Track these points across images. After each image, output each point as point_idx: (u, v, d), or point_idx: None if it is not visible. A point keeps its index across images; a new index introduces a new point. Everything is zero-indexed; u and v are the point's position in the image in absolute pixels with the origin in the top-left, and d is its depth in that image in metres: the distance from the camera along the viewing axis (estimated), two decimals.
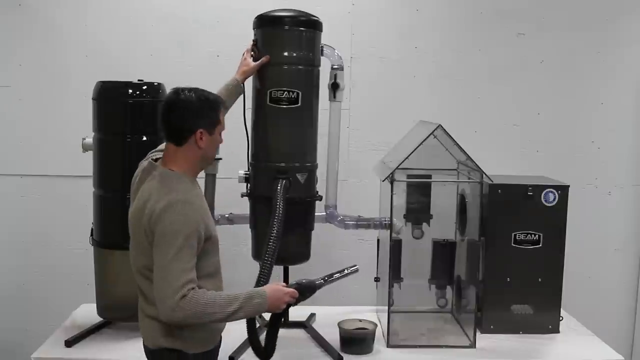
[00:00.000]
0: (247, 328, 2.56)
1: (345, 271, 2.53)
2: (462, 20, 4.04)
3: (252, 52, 2.90)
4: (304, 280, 2.39)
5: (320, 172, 3.11)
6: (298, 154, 2.96)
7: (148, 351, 2.28)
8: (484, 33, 4.04)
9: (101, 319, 3.09)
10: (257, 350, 2.56)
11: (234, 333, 2.64)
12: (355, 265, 2.56)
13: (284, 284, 2.40)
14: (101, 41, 3.94)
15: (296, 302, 2.34)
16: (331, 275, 2.49)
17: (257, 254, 3.01)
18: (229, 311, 2.11)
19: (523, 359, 2.90)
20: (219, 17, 3.93)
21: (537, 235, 3.10)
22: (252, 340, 2.56)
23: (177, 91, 2.20)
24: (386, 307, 2.97)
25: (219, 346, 2.36)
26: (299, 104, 2.91)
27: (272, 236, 2.68)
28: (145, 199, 2.14)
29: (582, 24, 4.04)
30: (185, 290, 2.04)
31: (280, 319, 2.47)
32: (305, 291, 2.37)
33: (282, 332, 3.07)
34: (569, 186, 3.13)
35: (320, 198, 3.10)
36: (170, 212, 2.07)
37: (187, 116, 2.16)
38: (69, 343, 2.89)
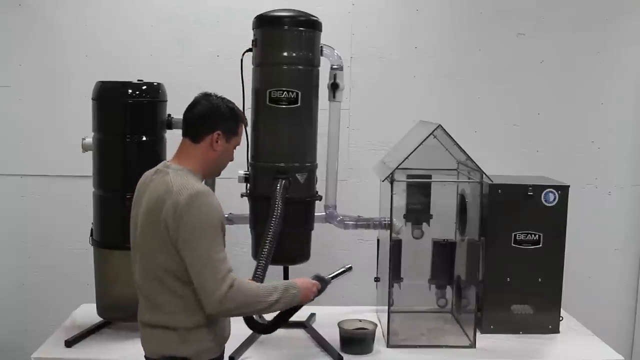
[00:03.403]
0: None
1: (343, 269, 2.62)
2: (462, 20, 4.04)
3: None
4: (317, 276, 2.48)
5: (320, 172, 3.11)
6: (298, 154, 2.96)
7: None
8: (484, 33, 4.04)
9: (101, 319, 3.08)
10: (254, 325, 2.61)
11: (234, 333, 2.64)
12: (349, 265, 2.64)
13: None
14: (101, 41, 3.94)
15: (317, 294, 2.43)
16: (331, 274, 2.57)
17: (257, 254, 3.00)
18: (270, 301, 2.16)
19: (523, 359, 2.90)
20: (219, 17, 3.93)
21: (537, 235, 3.10)
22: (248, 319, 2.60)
23: (206, 94, 2.27)
24: (386, 307, 2.97)
25: (222, 355, 2.34)
26: (299, 104, 2.91)
27: (268, 236, 2.69)
28: (162, 193, 2.11)
29: (582, 24, 4.04)
30: (230, 280, 2.06)
31: (292, 314, 2.51)
32: (325, 285, 2.46)
33: (282, 332, 3.08)
34: (569, 186, 3.12)
35: (320, 198, 3.10)
36: (196, 204, 2.06)
37: (209, 114, 2.22)
38: (69, 343, 2.89)
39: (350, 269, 2.64)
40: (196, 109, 2.23)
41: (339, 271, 2.62)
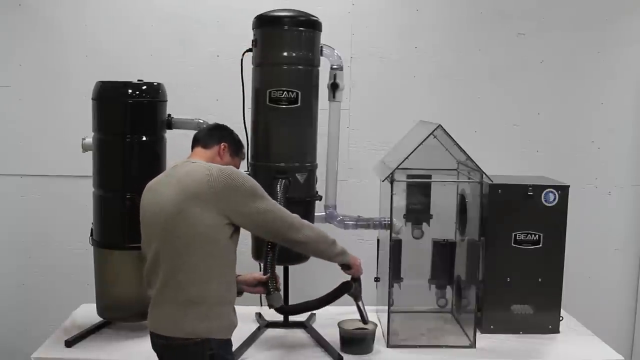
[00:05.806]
0: None
1: (363, 309, 2.81)
2: (462, 20, 4.04)
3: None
4: None
5: (320, 172, 3.11)
6: (297, 154, 2.97)
7: (172, 344, 2.27)
8: (484, 33, 4.04)
9: (101, 319, 3.08)
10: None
11: (235, 333, 2.64)
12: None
13: None
14: (101, 41, 3.94)
15: (358, 290, 2.72)
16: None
17: (257, 254, 3.01)
18: (330, 240, 2.49)
19: (523, 359, 2.90)
20: (219, 17, 3.93)
21: (537, 235, 3.10)
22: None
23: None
24: (386, 307, 2.97)
25: (231, 342, 2.41)
26: (299, 104, 2.91)
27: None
28: (200, 176, 2.25)
29: (582, 24, 4.04)
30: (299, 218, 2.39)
31: (340, 295, 2.73)
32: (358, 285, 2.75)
33: (282, 332, 3.08)
34: (569, 186, 3.12)
35: (320, 198, 3.10)
36: (240, 177, 2.29)
37: (217, 127, 2.57)
38: (69, 343, 2.89)
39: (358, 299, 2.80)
40: (205, 126, 2.60)
41: (362, 309, 2.80)
